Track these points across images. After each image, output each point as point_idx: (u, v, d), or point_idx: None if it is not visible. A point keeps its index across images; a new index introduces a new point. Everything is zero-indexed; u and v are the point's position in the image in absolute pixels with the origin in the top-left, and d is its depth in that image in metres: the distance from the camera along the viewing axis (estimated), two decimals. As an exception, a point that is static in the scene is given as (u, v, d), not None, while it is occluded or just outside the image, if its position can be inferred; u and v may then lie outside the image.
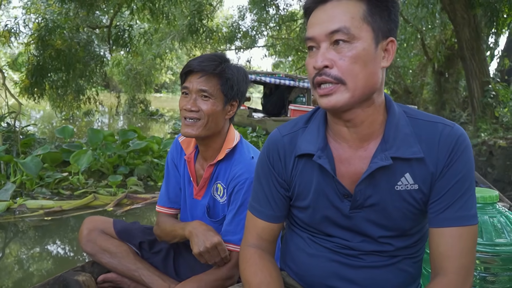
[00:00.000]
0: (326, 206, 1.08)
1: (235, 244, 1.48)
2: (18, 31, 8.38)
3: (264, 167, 1.16)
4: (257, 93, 31.15)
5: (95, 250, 1.80)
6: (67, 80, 8.52)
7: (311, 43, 0.97)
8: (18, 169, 4.42)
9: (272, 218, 1.16)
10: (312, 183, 1.08)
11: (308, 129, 1.11)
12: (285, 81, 11.37)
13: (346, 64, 0.93)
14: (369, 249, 1.08)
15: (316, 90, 0.98)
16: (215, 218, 1.60)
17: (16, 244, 3.31)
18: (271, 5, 14.04)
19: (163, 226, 1.68)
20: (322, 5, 0.96)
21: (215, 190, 1.59)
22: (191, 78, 1.49)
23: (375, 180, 1.01)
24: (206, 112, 1.47)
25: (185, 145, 1.66)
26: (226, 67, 1.50)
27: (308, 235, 1.16)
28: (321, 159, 1.03)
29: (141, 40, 10.19)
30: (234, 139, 1.58)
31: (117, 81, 18.52)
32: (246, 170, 1.50)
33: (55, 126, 10.74)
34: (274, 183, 1.14)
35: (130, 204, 4.16)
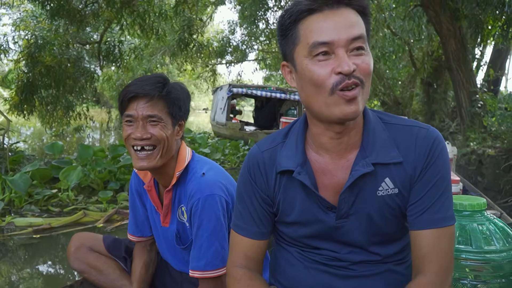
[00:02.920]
0: (312, 221, 1.07)
1: (200, 270, 1.41)
2: (8, 48, 8.36)
3: (246, 183, 1.14)
4: (249, 106, 31.26)
5: (83, 267, 1.78)
6: (57, 96, 8.48)
7: (323, 48, 0.92)
8: (6, 187, 4.37)
9: (258, 235, 1.13)
10: (296, 199, 1.07)
11: (286, 144, 1.10)
12: (276, 94, 11.46)
13: (367, 68, 0.93)
14: (358, 259, 1.07)
15: (338, 95, 0.92)
16: (184, 244, 1.54)
17: (4, 263, 3.25)
18: (261, 20, 14.18)
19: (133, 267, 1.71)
20: (332, 9, 0.93)
21: (180, 214, 1.52)
22: (134, 104, 1.36)
23: (357, 188, 1.02)
24: (159, 137, 1.37)
25: (142, 175, 1.59)
26: (171, 87, 1.41)
27: (296, 249, 1.15)
28: (301, 175, 1.03)
29: (131, 55, 10.21)
30: (185, 159, 1.49)
31: (108, 97, 18.48)
32: (197, 189, 1.42)
33: (45, 142, 10.65)
34: (258, 199, 1.12)
35: (121, 220, 4.11)
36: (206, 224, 1.40)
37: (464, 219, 1.35)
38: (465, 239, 1.31)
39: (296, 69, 0.99)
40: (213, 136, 12.78)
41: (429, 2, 7.21)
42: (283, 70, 1.06)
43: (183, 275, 1.66)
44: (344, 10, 0.93)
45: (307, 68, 0.94)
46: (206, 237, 1.40)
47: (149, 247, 1.74)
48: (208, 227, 1.39)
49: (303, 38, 0.94)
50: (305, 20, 0.94)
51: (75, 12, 7.66)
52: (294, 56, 0.98)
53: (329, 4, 0.93)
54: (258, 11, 13.57)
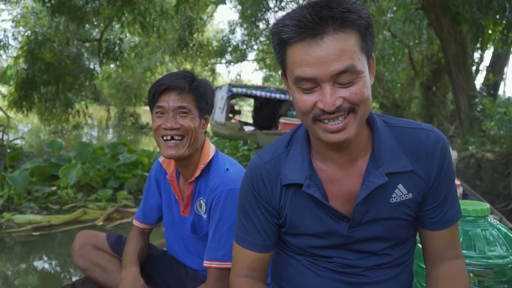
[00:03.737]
0: (324, 231, 1.05)
1: (218, 260, 1.45)
2: (7, 44, 8.35)
3: (249, 196, 1.10)
4: (247, 106, 31.26)
5: (87, 265, 1.79)
6: (56, 93, 8.47)
7: (308, 84, 0.89)
8: (5, 183, 4.35)
9: (263, 248, 1.11)
10: (306, 211, 1.05)
11: (291, 155, 1.07)
12: (275, 95, 11.46)
13: (357, 97, 0.89)
14: (370, 264, 1.07)
15: (320, 125, 0.92)
16: (198, 234, 1.59)
17: (3, 260, 3.24)
18: (261, 20, 14.19)
19: (126, 249, 1.71)
20: (315, 39, 0.86)
21: (198, 207, 1.58)
22: (165, 96, 1.46)
23: (370, 197, 1.01)
24: (188, 127, 1.46)
25: (166, 165, 1.66)
26: (199, 82, 1.50)
27: (305, 258, 1.12)
28: (311, 188, 1.00)
29: (131, 53, 10.21)
30: (209, 154, 1.56)
31: (106, 94, 18.46)
32: (221, 182, 1.47)
33: (43, 139, 10.62)
34: (262, 212, 1.09)
35: (120, 219, 4.11)
36: (227, 217, 1.44)
37: (467, 225, 1.36)
38: (469, 245, 1.31)
39: (288, 87, 0.98)
40: (212, 135, 12.78)
41: (430, 6, 7.24)
42: (283, 78, 1.03)
43: (189, 272, 1.67)
44: (330, 37, 0.85)
45: (293, 94, 0.94)
46: (227, 229, 1.44)
47: (146, 235, 1.78)
48: (229, 219, 1.43)
49: (289, 65, 0.92)
50: (290, 47, 0.90)
51: (76, 9, 7.64)
52: (286, 75, 0.96)
53: (312, 34, 0.86)
54: (259, 11, 13.58)
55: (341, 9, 0.85)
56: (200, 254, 1.61)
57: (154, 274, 1.78)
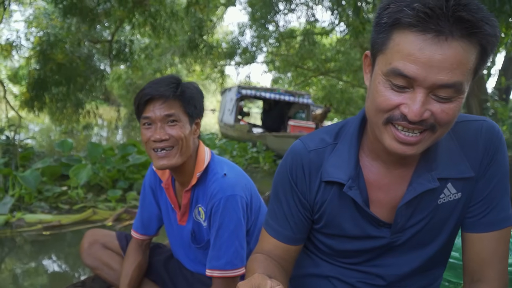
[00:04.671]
0: (363, 236, 0.98)
1: (220, 269, 1.42)
2: (20, 45, 8.44)
3: (285, 183, 1.01)
4: (256, 108, 31.26)
5: (96, 263, 1.80)
6: (67, 94, 8.53)
7: (402, 82, 0.77)
8: (16, 183, 4.39)
9: (291, 240, 1.03)
10: (345, 212, 0.97)
11: (337, 149, 0.97)
12: (284, 97, 11.45)
13: (446, 117, 0.78)
14: (407, 274, 1.00)
15: (390, 130, 0.82)
16: (199, 243, 1.56)
17: (13, 259, 3.27)
18: (271, 22, 14.19)
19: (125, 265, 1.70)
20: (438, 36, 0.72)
21: (197, 214, 1.54)
22: (150, 106, 1.39)
23: (416, 200, 0.93)
24: (177, 137, 1.40)
25: (160, 173, 1.61)
26: (184, 87, 1.44)
27: (337, 262, 1.05)
28: (352, 190, 0.92)
29: (141, 54, 10.26)
30: (205, 160, 1.51)
31: (116, 95, 18.59)
32: (219, 189, 1.43)
33: (54, 139, 10.72)
34: (296, 202, 1.01)
35: (129, 219, 4.12)
36: (227, 224, 1.41)
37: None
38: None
39: (372, 73, 0.85)
40: (221, 137, 12.79)
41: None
42: (364, 59, 0.90)
43: (195, 275, 1.66)
44: (455, 42, 0.72)
45: (377, 85, 0.81)
46: (227, 237, 1.41)
47: (145, 247, 1.75)
48: (229, 226, 1.41)
49: (389, 51, 0.78)
50: (402, 32, 0.76)
51: (88, 10, 7.70)
52: (377, 59, 0.83)
53: (437, 30, 0.72)
54: (269, 14, 13.58)
55: (480, 16, 0.73)
56: (201, 261, 1.60)
57: (164, 274, 1.78)
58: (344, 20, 7.76)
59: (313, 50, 13.99)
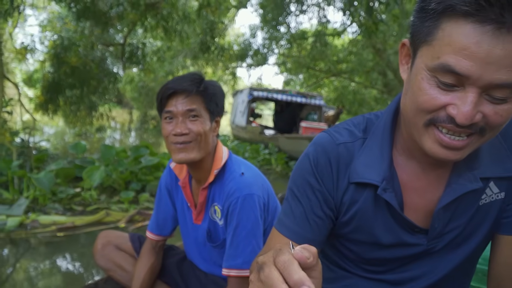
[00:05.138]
0: (396, 244, 0.90)
1: (237, 268, 1.41)
2: (34, 49, 8.56)
3: (308, 177, 0.90)
4: (267, 110, 31.27)
5: (109, 265, 1.80)
6: (80, 97, 8.63)
7: (451, 79, 0.67)
8: (31, 184, 4.44)
9: (308, 243, 0.87)
10: (377, 217, 0.88)
11: (367, 145, 0.88)
12: (296, 99, 11.43)
13: (499, 120, 0.69)
14: (434, 283, 0.93)
15: (433, 132, 0.73)
16: (215, 242, 1.55)
17: (28, 260, 3.29)
18: (282, 24, 14.17)
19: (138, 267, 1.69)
20: (499, 29, 0.61)
21: (213, 213, 1.54)
22: (173, 101, 1.42)
23: (455, 203, 0.85)
24: (197, 132, 1.41)
25: (177, 171, 1.61)
26: (207, 84, 1.46)
27: (360, 270, 0.96)
28: (387, 192, 0.84)
29: (154, 57, 10.32)
30: (222, 158, 1.51)
31: (129, 98, 18.75)
32: (236, 188, 1.43)
33: (68, 141, 10.84)
34: (319, 200, 0.90)
35: (142, 221, 4.13)
36: (244, 223, 1.40)
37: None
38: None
39: (412, 66, 0.75)
40: (233, 139, 12.81)
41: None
42: (401, 49, 0.81)
43: (208, 276, 1.65)
44: None
45: (420, 82, 0.71)
46: (244, 236, 1.40)
47: (158, 249, 1.74)
48: (246, 225, 1.40)
49: (437, 43, 0.68)
50: (455, 21, 0.65)
51: (100, 14, 7.77)
52: (418, 51, 0.73)
53: (499, 21, 0.61)
54: (280, 15, 13.57)
55: None
56: (216, 262, 1.59)
57: (177, 276, 1.76)
58: (356, 21, 7.71)
59: (325, 51, 13.93)
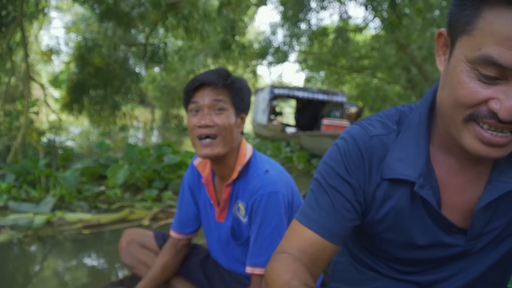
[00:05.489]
0: (433, 244, 0.85)
1: (261, 267, 1.38)
2: (59, 50, 8.76)
3: (336, 168, 0.85)
4: (288, 107, 31.18)
5: (133, 262, 1.81)
6: (104, 97, 8.78)
7: (494, 72, 0.63)
8: (57, 183, 4.53)
9: (334, 236, 0.85)
10: (413, 216, 0.83)
11: (401, 139, 0.82)
12: (318, 96, 11.33)
13: None
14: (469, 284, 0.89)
15: (473, 128, 0.69)
16: (239, 240, 1.54)
17: (55, 256, 3.36)
18: (303, 21, 14.07)
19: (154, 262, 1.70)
20: None
21: (236, 210, 1.52)
22: (200, 93, 1.42)
23: (496, 201, 0.79)
24: (222, 126, 1.40)
25: (201, 168, 1.60)
26: (234, 79, 1.45)
27: (391, 271, 0.92)
28: (424, 190, 0.78)
29: (175, 56, 10.41)
30: (246, 154, 1.50)
31: (151, 97, 18.99)
32: (261, 185, 1.40)
33: (92, 141, 11.06)
34: (348, 191, 0.85)
35: (165, 219, 4.16)
36: (269, 221, 1.38)
37: None
38: None
39: (449, 57, 0.71)
40: (254, 137, 12.80)
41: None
42: (438, 39, 0.76)
43: (232, 275, 1.64)
44: None
45: (459, 75, 0.67)
46: (269, 234, 1.38)
47: (179, 248, 1.73)
48: (270, 223, 1.38)
49: (477, 32, 0.64)
50: (497, 9, 0.60)
51: (123, 14, 7.89)
52: (457, 42, 0.68)
53: None
54: (301, 12, 13.47)
55: None
56: (239, 259, 1.57)
57: (200, 275, 1.76)
58: (378, 16, 7.58)
59: (347, 48, 13.77)
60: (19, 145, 5.16)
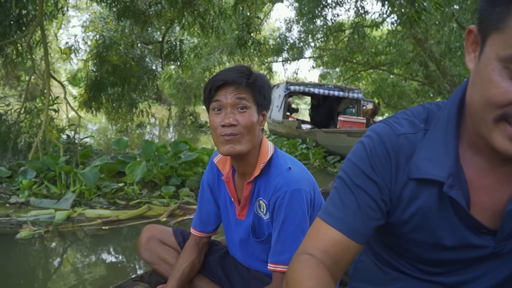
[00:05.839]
0: (461, 245, 0.84)
1: (284, 264, 1.38)
2: (78, 48, 8.88)
3: (361, 166, 0.85)
4: (303, 104, 31.04)
5: (153, 258, 1.83)
6: (122, 94, 8.87)
7: None
8: (77, 179, 4.60)
9: (357, 235, 0.84)
10: (440, 217, 0.82)
11: (429, 138, 0.81)
12: (334, 92, 11.26)
13: None
14: (495, 285, 0.88)
15: (505, 128, 0.67)
16: (259, 237, 1.54)
17: (75, 252, 3.43)
18: (319, 17, 13.96)
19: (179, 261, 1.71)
20: None
21: (257, 207, 1.52)
22: (222, 91, 1.40)
23: None
24: (245, 124, 1.40)
25: (221, 166, 1.61)
26: (256, 76, 1.45)
27: (416, 271, 0.91)
28: (454, 190, 0.77)
29: (191, 54, 10.45)
30: (268, 152, 1.50)
31: (167, 95, 19.12)
32: (284, 183, 1.41)
33: (110, 138, 11.21)
34: (374, 190, 0.84)
35: (183, 215, 4.20)
36: (292, 218, 1.38)
37: None
38: None
39: (480, 55, 0.70)
40: (269, 134, 12.79)
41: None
42: (467, 36, 0.75)
43: (251, 272, 1.65)
44: None
45: (490, 74, 0.66)
46: (292, 231, 1.38)
47: (202, 245, 1.75)
48: (294, 221, 1.38)
49: (509, 30, 0.62)
50: None
51: (140, 12, 7.93)
52: (488, 40, 0.67)
53: None
54: (316, 8, 13.37)
55: None
56: (259, 257, 1.58)
57: (219, 272, 1.77)
58: (396, 10, 7.47)
59: (363, 43, 13.61)
60: (40, 142, 5.26)
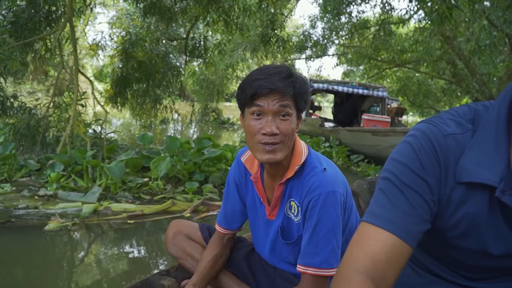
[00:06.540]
0: (506, 254, 0.80)
1: (315, 267, 1.35)
2: (104, 45, 9.03)
3: (410, 165, 0.81)
4: (326, 102, 30.78)
5: (180, 253, 1.84)
6: (146, 90, 8.97)
7: None
8: (103, 173, 4.69)
9: (411, 237, 0.78)
10: (489, 224, 0.79)
11: (477, 140, 0.78)
12: (358, 90, 11.11)
13: None
14: None
15: None
16: (289, 239, 1.51)
17: (100, 244, 3.48)
18: (344, 13, 13.79)
19: (203, 255, 1.71)
20: None
21: (288, 209, 1.49)
22: (266, 97, 1.32)
23: None
24: (286, 132, 1.34)
25: (249, 165, 1.57)
26: (300, 83, 1.37)
27: (456, 277, 0.88)
28: (506, 195, 0.73)
29: (215, 51, 10.48)
30: (302, 153, 1.45)
31: (190, 91, 19.26)
32: (319, 184, 1.37)
33: (134, 133, 11.37)
34: (425, 189, 0.80)
35: (206, 211, 4.22)
36: (325, 220, 1.35)
37: None
38: None
39: None
40: (291, 131, 12.70)
41: (539, -11, 6.48)
42: None
43: (277, 271, 1.63)
44: None
45: None
46: (324, 234, 1.35)
47: (226, 241, 1.74)
48: (327, 223, 1.35)
49: None
50: None
51: (165, 9, 8.00)
52: None
53: None
54: (341, 5, 13.21)
55: None
56: (285, 258, 1.56)
57: (245, 268, 1.76)
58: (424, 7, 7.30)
59: (389, 41, 13.38)
60: (68, 136, 5.37)
